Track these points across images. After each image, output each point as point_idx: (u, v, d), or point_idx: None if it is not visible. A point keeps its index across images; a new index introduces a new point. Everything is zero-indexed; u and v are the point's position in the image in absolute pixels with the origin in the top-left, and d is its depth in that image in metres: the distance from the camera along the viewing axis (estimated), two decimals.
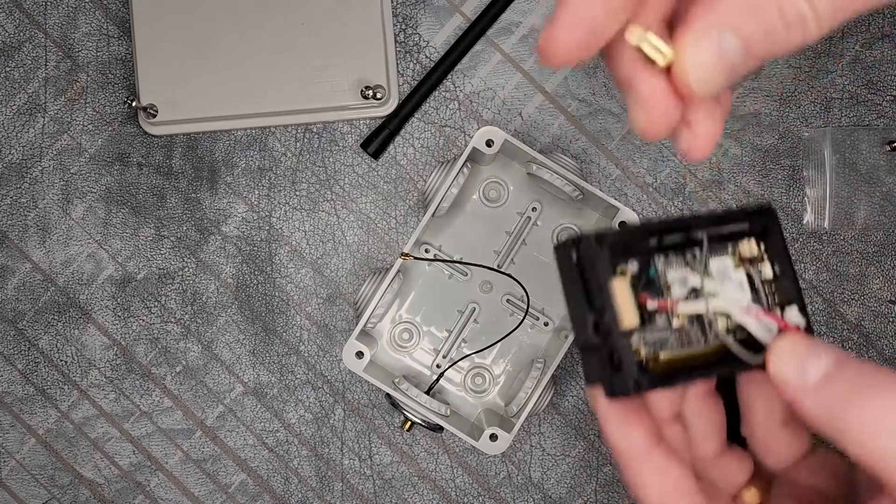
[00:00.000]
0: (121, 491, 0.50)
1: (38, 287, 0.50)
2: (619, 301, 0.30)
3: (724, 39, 0.26)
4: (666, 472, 0.31)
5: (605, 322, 0.30)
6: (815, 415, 0.28)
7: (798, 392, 0.28)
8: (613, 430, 0.32)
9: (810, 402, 0.28)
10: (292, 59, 0.49)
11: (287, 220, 0.50)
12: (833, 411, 0.27)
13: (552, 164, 0.46)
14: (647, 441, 0.32)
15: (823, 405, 0.28)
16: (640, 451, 0.32)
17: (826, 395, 0.28)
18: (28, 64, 0.51)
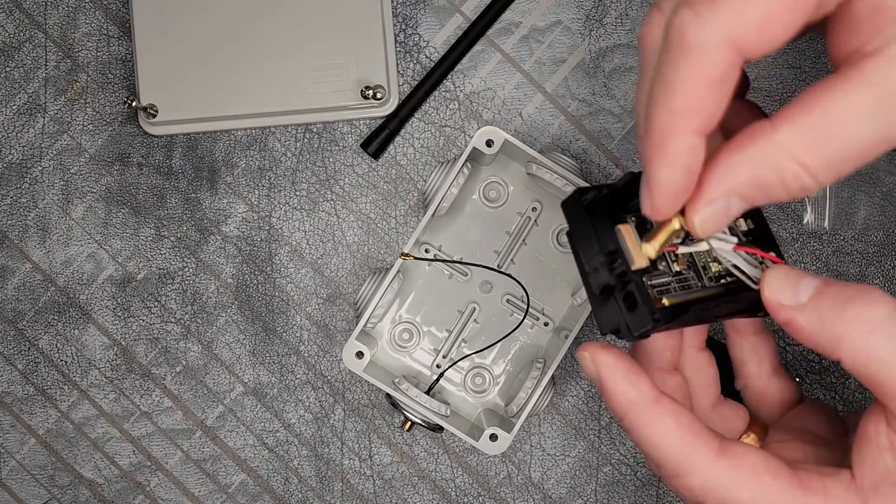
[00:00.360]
0: (121, 491, 0.50)
1: (38, 287, 0.50)
2: (629, 243, 0.32)
3: (731, 203, 0.29)
4: (679, 414, 0.33)
5: (619, 264, 0.32)
6: (811, 330, 0.30)
7: (794, 311, 0.31)
8: (620, 382, 0.33)
9: (805, 319, 0.30)
10: (292, 59, 0.49)
11: (287, 220, 0.50)
12: (826, 323, 0.30)
13: (552, 164, 0.46)
14: (655, 388, 0.33)
15: (817, 319, 0.30)
16: (650, 398, 0.33)
17: (819, 311, 0.30)
18: (28, 64, 0.51)
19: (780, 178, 0.28)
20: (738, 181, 0.29)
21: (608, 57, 0.50)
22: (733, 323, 0.38)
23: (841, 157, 0.27)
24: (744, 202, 0.29)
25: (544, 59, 0.50)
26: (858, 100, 0.26)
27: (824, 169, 0.27)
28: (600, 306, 0.33)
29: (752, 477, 0.32)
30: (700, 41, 0.27)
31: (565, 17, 0.50)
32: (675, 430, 0.32)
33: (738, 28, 0.26)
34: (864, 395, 0.49)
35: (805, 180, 0.28)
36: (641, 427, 0.32)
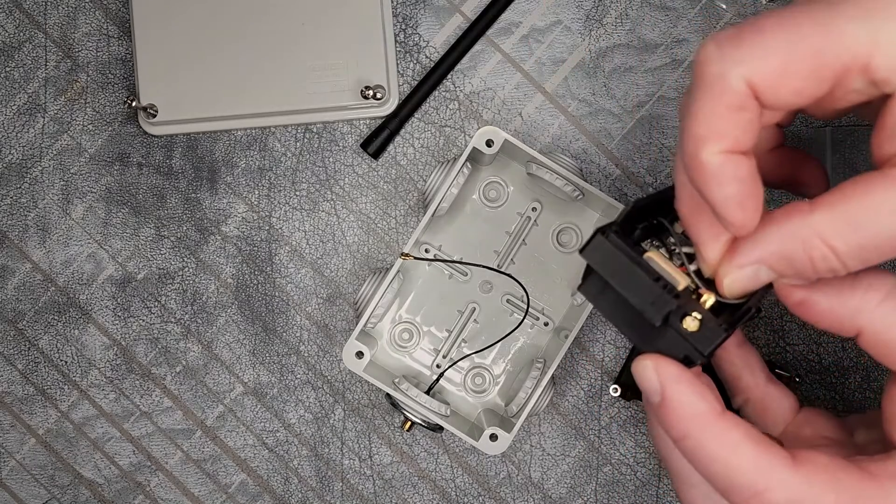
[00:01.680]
0: (121, 491, 0.50)
1: (38, 287, 0.50)
2: (666, 266, 0.32)
3: (760, 271, 0.31)
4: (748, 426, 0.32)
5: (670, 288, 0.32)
6: (829, 305, 0.31)
7: (808, 290, 0.32)
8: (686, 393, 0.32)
9: (821, 296, 0.32)
10: (292, 59, 0.49)
11: (287, 220, 0.50)
12: (843, 295, 0.31)
13: (552, 164, 0.46)
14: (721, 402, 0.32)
15: (833, 293, 0.31)
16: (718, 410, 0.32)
17: (832, 285, 0.31)
18: (28, 64, 0.51)
19: (809, 257, 0.29)
20: (770, 252, 0.30)
21: (608, 57, 0.50)
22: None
23: (868, 248, 0.28)
24: (772, 272, 0.31)
25: (544, 59, 0.50)
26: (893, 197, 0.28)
27: (851, 256, 0.29)
28: (653, 344, 0.33)
29: (831, 480, 0.31)
30: (718, 74, 0.28)
31: (565, 17, 0.50)
32: (747, 443, 0.31)
33: (756, 70, 0.28)
34: (863, 395, 0.49)
35: (833, 263, 0.29)
36: (710, 442, 0.31)
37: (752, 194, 0.29)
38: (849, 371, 0.49)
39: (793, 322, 0.49)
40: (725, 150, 0.29)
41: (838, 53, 0.27)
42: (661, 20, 0.50)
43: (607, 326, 0.50)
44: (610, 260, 0.32)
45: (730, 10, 0.50)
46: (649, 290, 0.32)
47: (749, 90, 0.28)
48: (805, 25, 0.28)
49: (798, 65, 0.28)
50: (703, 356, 0.32)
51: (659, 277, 0.32)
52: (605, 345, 0.50)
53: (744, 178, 0.29)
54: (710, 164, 0.29)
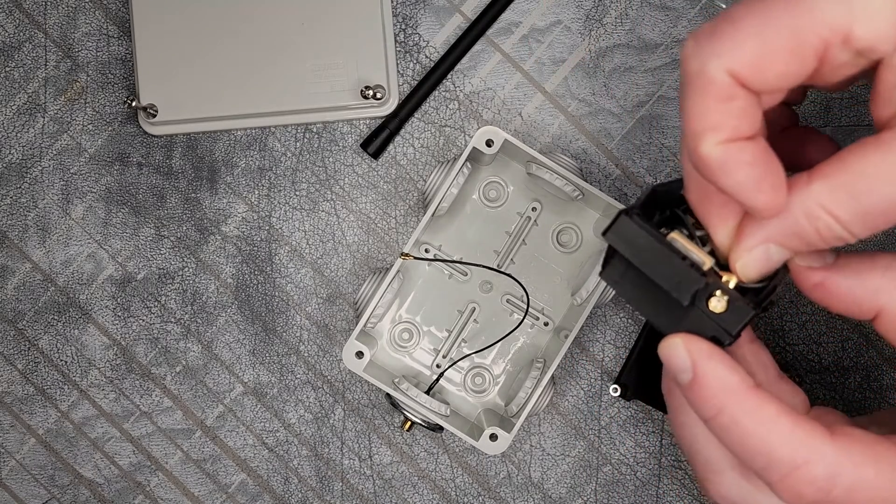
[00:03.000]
0: (121, 491, 0.50)
1: (38, 287, 0.50)
2: (690, 247, 0.32)
3: (770, 251, 0.31)
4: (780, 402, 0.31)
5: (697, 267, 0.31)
6: (848, 286, 0.31)
7: (826, 271, 0.32)
8: (719, 368, 0.31)
9: (839, 277, 0.32)
10: (292, 59, 0.49)
11: (287, 220, 0.50)
12: (863, 275, 0.31)
13: (552, 164, 0.46)
14: (751, 377, 0.32)
15: (853, 274, 0.31)
16: (752, 383, 0.32)
17: (851, 266, 0.32)
18: (28, 64, 0.51)
19: (815, 228, 0.29)
20: (775, 229, 0.30)
21: (608, 57, 0.50)
22: None
23: (870, 214, 0.28)
24: (782, 250, 0.30)
25: (544, 59, 0.50)
26: (889, 162, 0.28)
27: (856, 224, 0.29)
28: (680, 325, 0.32)
29: (870, 453, 0.31)
30: (699, 69, 0.28)
31: (565, 17, 0.50)
32: (784, 417, 0.31)
33: (734, 59, 0.28)
34: (863, 395, 0.49)
35: (838, 231, 0.29)
36: (746, 416, 0.31)
37: (768, 174, 0.29)
38: (849, 371, 0.49)
39: (793, 322, 0.49)
40: (725, 140, 0.29)
41: (815, 30, 0.27)
42: (661, 20, 0.50)
43: (607, 326, 0.50)
44: (635, 241, 0.32)
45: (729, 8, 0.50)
46: (676, 270, 0.31)
47: (732, 79, 0.28)
48: (776, 8, 0.28)
49: (775, 47, 0.28)
50: (732, 336, 0.31)
51: (685, 257, 0.31)
52: (605, 345, 0.50)
53: (752, 162, 0.29)
54: (710, 157, 0.29)
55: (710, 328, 0.31)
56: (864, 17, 0.27)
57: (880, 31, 0.27)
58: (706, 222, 0.32)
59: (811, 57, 0.28)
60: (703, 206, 0.32)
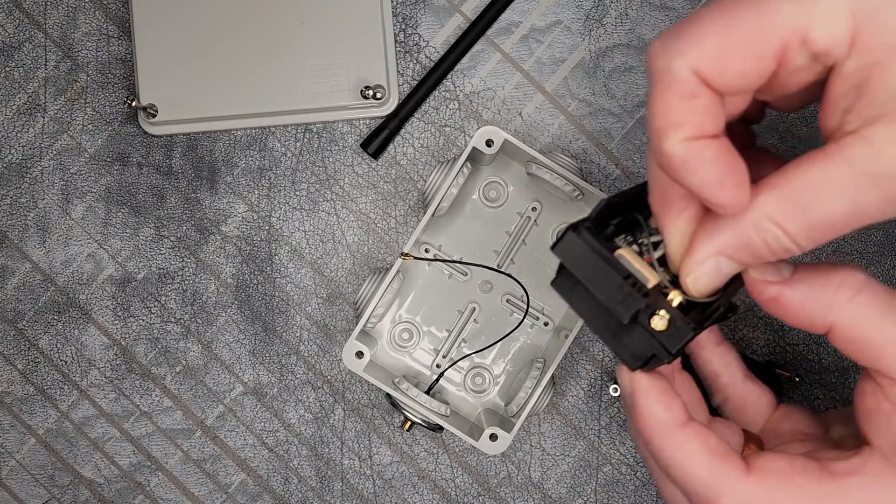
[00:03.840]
0: (121, 491, 0.50)
1: (38, 287, 0.50)
2: (636, 264, 0.32)
3: (721, 263, 0.31)
4: (707, 437, 0.33)
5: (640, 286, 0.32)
6: (801, 301, 0.32)
7: (781, 286, 0.32)
8: (653, 403, 0.34)
9: (793, 292, 0.32)
10: (292, 58, 0.49)
11: (287, 219, 0.50)
12: (815, 291, 0.32)
13: (552, 163, 0.46)
14: (686, 413, 0.34)
15: (806, 289, 0.32)
16: (680, 420, 0.34)
17: (805, 282, 0.32)
18: (28, 64, 0.51)
19: (763, 240, 0.30)
20: (725, 242, 0.30)
21: (608, 57, 0.50)
22: (696, 341, 0.39)
23: (817, 226, 0.29)
24: (732, 262, 0.31)
25: (544, 59, 0.50)
26: (834, 175, 0.28)
27: (802, 236, 0.29)
28: (623, 342, 0.33)
29: (786, 485, 0.32)
30: (664, 67, 0.29)
31: (565, 17, 0.50)
32: (703, 453, 0.33)
33: (698, 57, 0.28)
34: None
35: (786, 243, 0.29)
36: (669, 450, 0.33)
37: (731, 172, 0.29)
38: (848, 371, 0.49)
39: None
40: (688, 138, 0.29)
41: (775, 30, 0.28)
42: (661, 20, 0.50)
43: None
44: (580, 257, 0.32)
45: None
46: (618, 288, 0.32)
47: (695, 77, 0.28)
48: (740, 8, 0.28)
49: (737, 45, 0.28)
50: (671, 354, 0.32)
51: (629, 275, 0.32)
52: (605, 345, 0.50)
53: (715, 159, 0.29)
54: (674, 154, 0.29)
55: (652, 345, 0.32)
56: (822, 21, 0.27)
57: (836, 35, 0.28)
58: (663, 228, 0.33)
59: (770, 57, 0.28)
60: (662, 211, 0.33)
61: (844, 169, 0.28)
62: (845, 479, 0.32)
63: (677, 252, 0.32)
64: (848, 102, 0.28)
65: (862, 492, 0.31)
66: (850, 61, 0.28)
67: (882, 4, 0.27)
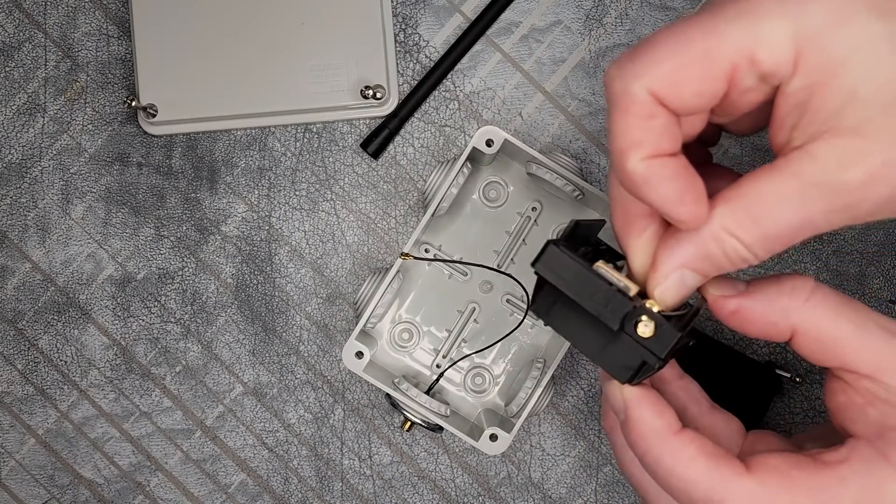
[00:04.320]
0: (120, 491, 0.50)
1: (38, 287, 0.50)
2: (616, 275, 0.33)
3: (685, 276, 0.32)
4: (703, 442, 0.34)
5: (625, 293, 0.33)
6: (762, 309, 0.33)
7: (741, 298, 0.34)
8: (646, 412, 0.34)
9: (753, 302, 0.34)
10: (292, 58, 0.49)
11: (287, 219, 0.50)
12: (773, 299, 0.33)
13: (552, 163, 0.46)
14: (679, 421, 0.34)
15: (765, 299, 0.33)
16: (675, 428, 0.34)
17: (762, 291, 0.34)
18: (28, 64, 0.51)
19: (722, 251, 0.31)
20: (687, 255, 0.32)
21: (608, 56, 0.50)
22: (658, 376, 0.39)
23: (770, 237, 0.30)
24: (696, 274, 0.32)
25: (544, 59, 0.50)
26: (783, 188, 0.30)
27: (757, 246, 0.31)
28: (610, 355, 0.34)
29: (784, 480, 0.32)
30: (622, 89, 0.30)
31: (565, 17, 0.50)
32: (701, 457, 0.33)
33: (653, 79, 0.30)
34: None
35: (743, 253, 0.31)
36: (667, 458, 0.33)
37: (689, 188, 0.31)
38: None
39: None
40: (648, 156, 0.30)
41: (724, 52, 0.29)
42: (662, 20, 0.50)
43: None
44: (563, 270, 0.33)
45: None
46: (604, 295, 0.32)
47: (652, 98, 0.30)
48: (691, 32, 0.30)
49: (690, 68, 0.30)
50: (661, 360, 0.32)
51: (612, 283, 0.33)
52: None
53: (674, 176, 0.30)
54: (635, 172, 0.30)
55: (640, 354, 0.33)
56: (767, 43, 0.29)
57: (780, 56, 0.29)
58: (626, 248, 0.34)
59: (721, 78, 0.30)
60: (624, 230, 0.34)
61: (792, 181, 0.30)
62: (838, 467, 0.32)
63: (642, 268, 0.33)
64: (793, 120, 0.30)
65: (857, 477, 0.32)
66: (794, 81, 0.29)
67: (822, 27, 0.29)
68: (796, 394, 0.49)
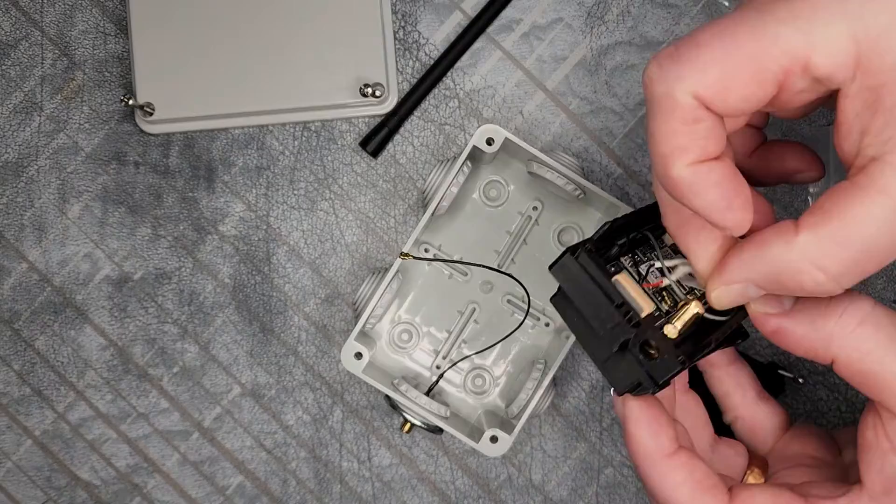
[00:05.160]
0: (118, 493, 0.50)
1: (34, 287, 0.50)
2: (632, 291, 0.32)
3: (749, 289, 0.31)
4: (693, 468, 0.34)
5: (632, 315, 0.32)
6: (803, 333, 0.32)
7: (782, 318, 0.32)
8: (642, 430, 0.34)
9: (795, 323, 0.32)
10: (290, 56, 0.49)
11: (285, 219, 0.50)
12: (817, 323, 0.32)
13: (553, 162, 0.45)
14: (675, 442, 0.34)
15: (808, 321, 0.32)
16: (667, 451, 0.35)
17: (806, 313, 0.32)
18: (24, 62, 0.50)
19: (798, 282, 0.29)
20: (758, 274, 0.30)
21: (610, 54, 0.49)
22: (708, 359, 0.39)
23: (859, 263, 0.28)
24: (760, 290, 0.31)
25: (545, 57, 0.50)
26: (871, 209, 0.28)
27: (844, 274, 0.29)
28: (612, 365, 0.33)
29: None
30: (665, 92, 0.29)
31: (566, 14, 0.50)
32: (686, 484, 0.33)
33: (699, 83, 0.28)
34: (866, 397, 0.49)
35: (826, 286, 0.29)
36: (655, 478, 0.34)
37: (736, 194, 0.30)
38: None
39: None
40: (693, 162, 0.29)
41: (776, 57, 0.28)
42: (664, 17, 0.49)
43: None
44: (575, 281, 0.33)
45: (732, 6, 0.49)
46: (610, 317, 0.32)
47: (697, 102, 0.29)
48: (740, 34, 0.28)
49: (738, 72, 0.28)
50: (656, 386, 0.32)
51: (623, 303, 0.32)
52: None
53: (720, 182, 0.29)
54: (681, 178, 0.29)
55: (638, 374, 0.32)
56: (823, 48, 0.27)
57: (837, 61, 0.27)
58: (685, 248, 0.33)
59: (771, 83, 0.28)
60: (681, 231, 0.33)
61: (881, 200, 0.28)
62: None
63: (705, 271, 0.32)
64: (862, 123, 0.28)
65: None
66: (856, 83, 0.28)
67: (886, 29, 0.27)
68: (799, 395, 0.49)
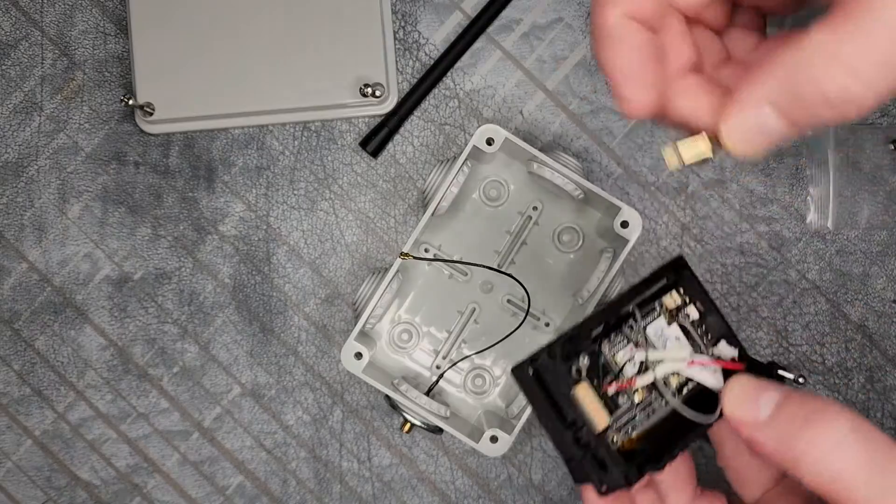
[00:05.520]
0: (118, 493, 0.50)
1: (35, 287, 0.50)
2: (587, 406, 0.31)
3: (766, 116, 0.26)
4: None
5: (582, 433, 0.31)
6: (772, 447, 0.29)
7: (754, 429, 0.29)
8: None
9: (765, 437, 0.29)
10: (290, 56, 0.49)
11: (285, 219, 0.50)
12: (786, 442, 0.29)
13: (553, 162, 0.45)
14: None
15: (777, 437, 0.29)
16: None
17: (778, 427, 0.29)
18: (24, 62, 0.50)
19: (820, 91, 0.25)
20: (775, 87, 0.26)
21: None
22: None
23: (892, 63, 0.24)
24: (781, 118, 0.26)
25: (545, 57, 0.50)
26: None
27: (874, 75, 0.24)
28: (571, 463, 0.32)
29: None
30: None
31: (566, 14, 0.50)
32: None
33: None
34: (867, 396, 0.49)
35: (855, 90, 0.24)
36: None
37: (647, 70, 0.28)
38: (852, 371, 0.49)
39: (796, 323, 0.49)
40: (624, 14, 0.28)
41: None
42: None
43: None
44: (531, 391, 0.32)
45: None
46: (559, 430, 0.31)
47: None
48: None
49: None
50: (601, 493, 0.31)
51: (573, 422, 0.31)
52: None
53: (639, 47, 0.28)
54: (607, 23, 0.28)
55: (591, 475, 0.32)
56: None
57: None
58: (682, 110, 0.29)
59: None
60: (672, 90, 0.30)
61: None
62: None
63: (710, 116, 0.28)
64: None
65: None
66: None
67: None
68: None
